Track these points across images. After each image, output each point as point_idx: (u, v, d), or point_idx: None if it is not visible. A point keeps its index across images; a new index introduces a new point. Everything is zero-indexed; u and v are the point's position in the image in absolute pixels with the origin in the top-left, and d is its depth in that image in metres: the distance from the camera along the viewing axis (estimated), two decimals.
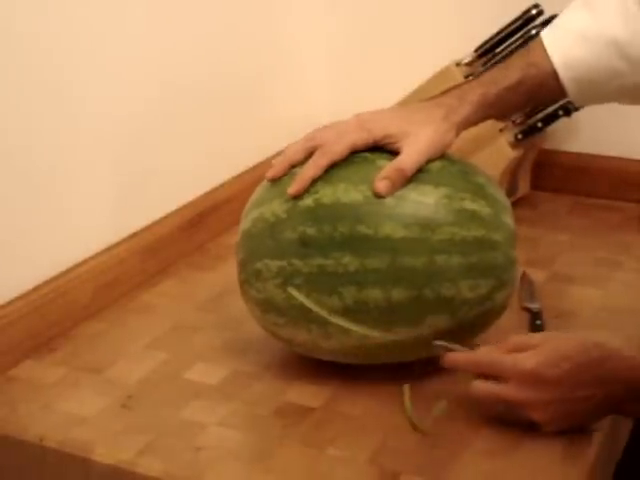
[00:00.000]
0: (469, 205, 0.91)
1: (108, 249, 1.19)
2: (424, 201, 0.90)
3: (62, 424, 0.93)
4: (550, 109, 1.34)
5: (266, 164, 1.44)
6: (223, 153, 1.40)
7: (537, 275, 1.19)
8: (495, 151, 1.32)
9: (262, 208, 0.94)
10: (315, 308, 0.89)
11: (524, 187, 1.43)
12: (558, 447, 0.86)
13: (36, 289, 1.08)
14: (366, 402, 0.94)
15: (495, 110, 0.99)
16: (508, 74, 0.98)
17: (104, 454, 0.89)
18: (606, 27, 0.97)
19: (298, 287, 0.90)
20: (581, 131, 1.45)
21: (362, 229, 0.89)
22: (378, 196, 0.90)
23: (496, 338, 0.92)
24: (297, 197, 0.92)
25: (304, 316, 0.91)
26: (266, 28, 1.47)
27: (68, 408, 0.96)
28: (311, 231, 0.90)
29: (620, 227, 1.35)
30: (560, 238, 1.32)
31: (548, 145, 1.46)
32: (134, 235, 1.23)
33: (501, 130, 1.33)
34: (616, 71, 0.98)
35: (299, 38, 1.55)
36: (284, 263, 0.91)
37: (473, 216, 0.91)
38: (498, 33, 1.35)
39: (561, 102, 1.32)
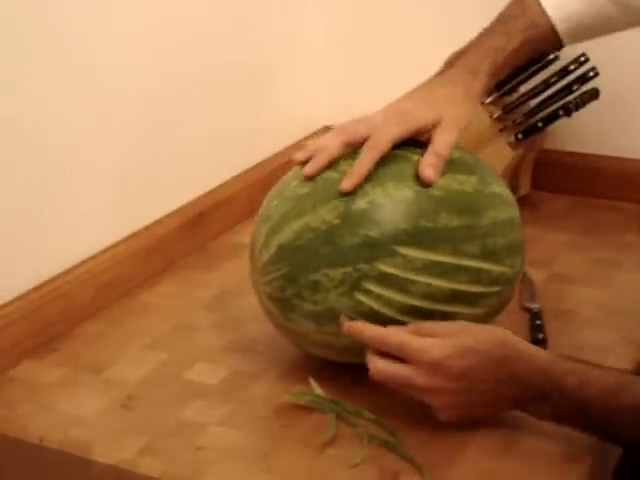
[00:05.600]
0: (497, 189, 0.96)
1: (108, 249, 1.19)
2: (465, 189, 0.93)
3: (62, 424, 0.94)
4: (550, 109, 1.33)
5: (267, 164, 1.45)
6: (224, 153, 1.40)
7: (537, 275, 1.18)
8: (495, 151, 1.32)
9: (306, 217, 0.91)
10: (384, 310, 0.89)
11: (524, 187, 1.43)
12: (558, 447, 0.86)
13: (36, 289, 1.08)
14: (366, 403, 0.93)
15: (502, 74, 1.04)
16: (511, 39, 1.02)
17: (104, 454, 0.89)
18: None
19: (367, 292, 0.89)
20: (581, 131, 1.45)
21: (423, 222, 0.90)
22: (427, 184, 0.91)
23: None
24: (350, 193, 0.90)
25: (370, 320, 0.90)
26: (266, 29, 1.47)
27: (68, 408, 0.96)
28: (374, 232, 0.89)
29: (620, 227, 1.35)
30: (560, 238, 1.32)
31: (548, 145, 1.46)
32: (134, 235, 1.23)
33: (501, 130, 1.33)
34: (609, 16, 1.04)
35: (299, 38, 1.55)
36: (349, 269, 0.89)
37: (502, 199, 0.96)
38: None
39: (562, 102, 1.32)
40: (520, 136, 1.34)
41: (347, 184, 0.90)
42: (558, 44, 1.06)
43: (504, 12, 1.06)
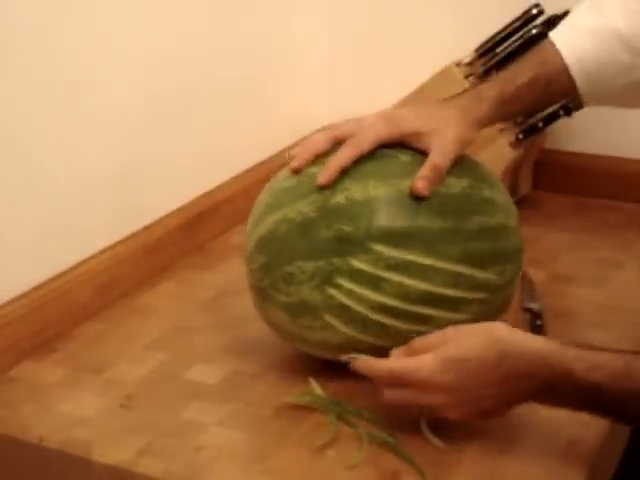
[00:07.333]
0: (488, 194, 0.94)
1: (108, 249, 1.19)
2: (451, 192, 0.92)
3: (62, 424, 0.93)
4: (551, 109, 1.33)
5: (266, 164, 1.45)
6: (223, 153, 1.40)
7: (537, 275, 1.18)
8: (495, 151, 1.32)
9: (285, 209, 0.93)
10: (356, 306, 0.90)
11: (525, 187, 1.43)
12: (558, 447, 0.86)
13: (36, 289, 1.08)
14: (366, 403, 0.93)
15: (511, 108, 1.01)
16: (522, 72, 1.00)
17: (104, 454, 0.89)
18: (610, 22, 1.00)
19: (338, 286, 0.90)
20: (582, 131, 1.45)
21: (399, 222, 0.90)
22: (418, 196, 0.90)
23: None
24: (326, 187, 0.91)
25: (342, 315, 0.91)
26: (266, 29, 1.47)
27: (68, 408, 0.96)
28: (348, 228, 0.90)
29: (620, 227, 1.35)
30: (561, 238, 1.32)
31: (549, 145, 1.46)
32: (134, 235, 1.23)
33: (501, 130, 1.33)
34: (622, 64, 1.00)
35: (299, 38, 1.55)
36: (321, 263, 0.90)
37: (493, 204, 0.94)
38: (498, 33, 1.34)
39: (562, 102, 1.32)
40: (520, 136, 1.34)
41: (322, 178, 0.91)
42: (573, 88, 1.01)
43: (525, 55, 1.04)
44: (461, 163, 0.96)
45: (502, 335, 0.84)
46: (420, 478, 0.83)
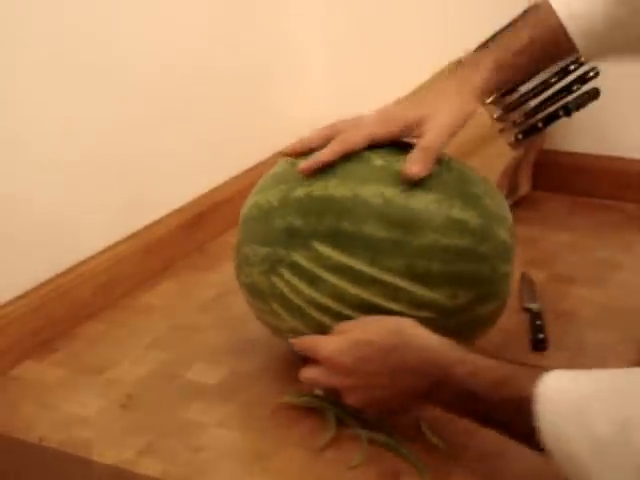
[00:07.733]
0: (457, 214, 0.89)
1: (108, 249, 1.19)
2: (410, 205, 0.89)
3: (62, 424, 0.94)
4: (550, 109, 1.33)
5: (266, 164, 1.44)
6: (223, 153, 1.40)
7: (537, 275, 1.19)
8: (495, 151, 1.32)
9: (259, 195, 0.96)
10: (294, 298, 0.91)
11: (524, 187, 1.43)
12: None
13: (36, 289, 1.09)
14: None
15: (510, 73, 0.99)
16: (518, 36, 0.99)
17: (104, 454, 0.89)
18: None
19: (280, 276, 0.91)
20: (581, 131, 1.45)
21: (345, 225, 0.89)
22: (410, 179, 0.89)
23: (498, 340, 0.91)
24: (304, 175, 0.92)
25: (284, 305, 0.92)
26: (266, 29, 1.47)
27: (68, 408, 0.96)
28: (298, 222, 0.91)
29: (620, 227, 1.35)
30: (560, 238, 1.32)
31: (548, 145, 1.46)
32: (134, 235, 1.23)
33: (501, 130, 1.33)
34: (617, 19, 0.98)
35: (299, 38, 1.55)
36: (270, 250, 0.92)
37: (460, 225, 0.89)
38: (497, 33, 1.34)
39: (562, 102, 1.32)
40: (520, 136, 1.34)
41: (302, 165, 0.92)
42: (571, 47, 0.99)
43: (515, 17, 1.03)
44: (442, 176, 0.92)
45: (405, 327, 0.85)
46: (420, 478, 0.83)
